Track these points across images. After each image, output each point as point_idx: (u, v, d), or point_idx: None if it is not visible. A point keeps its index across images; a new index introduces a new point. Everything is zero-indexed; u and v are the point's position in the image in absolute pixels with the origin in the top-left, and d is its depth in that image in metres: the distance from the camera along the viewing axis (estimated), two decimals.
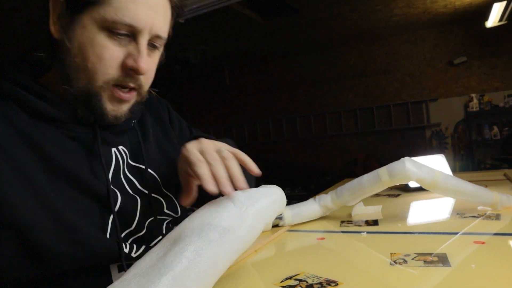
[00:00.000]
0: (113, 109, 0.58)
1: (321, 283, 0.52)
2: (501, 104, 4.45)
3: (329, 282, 0.52)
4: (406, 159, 0.80)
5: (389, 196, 1.23)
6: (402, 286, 0.50)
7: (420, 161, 0.81)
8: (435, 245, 0.65)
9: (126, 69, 0.56)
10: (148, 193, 0.67)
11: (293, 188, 4.85)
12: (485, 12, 3.76)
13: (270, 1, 3.54)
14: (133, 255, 0.60)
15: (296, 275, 0.56)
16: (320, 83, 5.55)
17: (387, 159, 1.03)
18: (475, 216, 0.82)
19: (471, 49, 4.58)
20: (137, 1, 0.53)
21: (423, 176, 0.79)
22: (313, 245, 0.78)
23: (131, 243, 0.61)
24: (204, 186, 0.53)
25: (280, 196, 0.68)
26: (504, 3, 3.34)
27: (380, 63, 5.14)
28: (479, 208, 0.88)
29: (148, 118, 0.75)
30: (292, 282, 0.53)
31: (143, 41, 0.56)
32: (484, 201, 0.85)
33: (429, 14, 4.23)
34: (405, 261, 0.58)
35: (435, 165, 0.83)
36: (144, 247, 0.62)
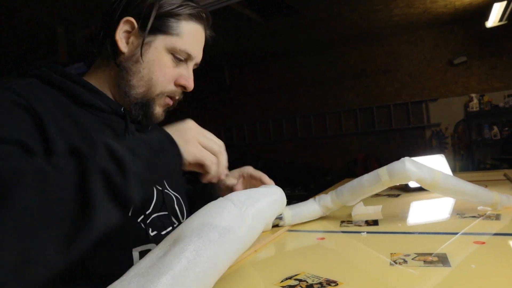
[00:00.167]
0: (158, 111, 0.74)
1: (321, 283, 0.52)
2: (501, 104, 4.45)
3: (329, 282, 0.52)
4: (406, 159, 0.80)
5: (389, 196, 1.23)
6: (402, 286, 0.50)
7: (420, 161, 0.81)
8: (435, 245, 0.65)
9: (177, 85, 0.74)
10: (161, 189, 0.76)
11: (293, 188, 4.85)
12: (485, 12, 3.76)
13: (270, 1, 3.54)
14: (150, 233, 0.68)
15: (296, 275, 0.56)
16: (320, 83, 5.55)
17: (387, 159, 1.03)
18: (475, 216, 0.82)
19: (471, 49, 4.59)
20: (196, 38, 0.74)
21: (423, 176, 0.79)
22: (313, 245, 0.78)
23: (147, 225, 0.69)
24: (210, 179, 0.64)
25: (280, 196, 0.68)
26: (504, 3, 3.34)
27: (380, 63, 5.14)
28: (479, 208, 0.88)
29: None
30: (292, 282, 0.53)
31: (191, 66, 0.75)
32: (484, 201, 0.85)
33: (429, 14, 4.23)
34: (405, 261, 0.58)
35: (435, 165, 0.83)
36: (156, 232, 0.70)
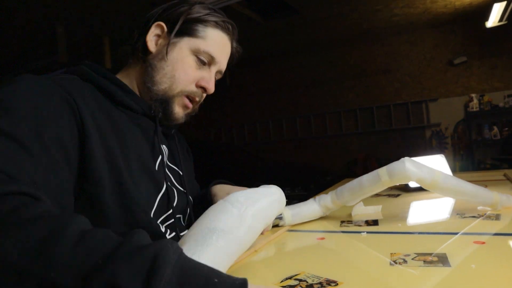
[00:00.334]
0: (178, 112, 0.76)
1: (321, 283, 0.52)
2: (501, 104, 4.45)
3: (329, 282, 0.52)
4: (406, 159, 0.80)
5: (389, 196, 1.23)
6: (402, 286, 0.50)
7: (420, 161, 0.81)
8: (435, 245, 0.65)
9: (198, 86, 0.76)
10: (185, 191, 0.80)
11: (293, 188, 4.85)
12: (485, 12, 3.76)
13: (270, 1, 3.54)
14: (167, 236, 0.70)
15: (296, 275, 0.56)
16: (320, 83, 5.55)
17: (387, 159, 1.03)
18: (475, 216, 0.82)
19: (471, 49, 4.58)
20: (220, 44, 0.77)
21: (423, 176, 0.79)
22: (313, 245, 0.78)
23: (165, 227, 0.72)
24: None
25: (280, 196, 0.68)
26: (504, 3, 3.34)
27: (380, 63, 5.14)
28: (479, 208, 0.88)
29: (177, 137, 0.90)
30: (292, 282, 0.53)
31: (214, 70, 0.78)
32: (484, 201, 0.85)
33: (429, 14, 4.23)
34: (405, 261, 0.58)
35: (435, 165, 0.83)
36: (174, 233, 0.72)
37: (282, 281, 0.54)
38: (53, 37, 3.74)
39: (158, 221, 0.70)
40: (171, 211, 0.73)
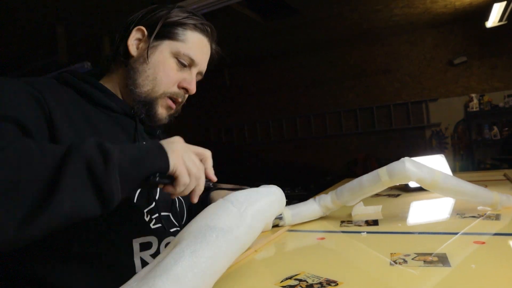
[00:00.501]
0: (161, 113, 0.78)
1: (321, 283, 0.52)
2: (501, 104, 4.45)
3: (329, 282, 0.52)
4: (406, 159, 0.80)
5: (389, 196, 1.23)
6: (402, 286, 0.50)
7: (420, 161, 0.81)
8: (435, 245, 0.65)
9: (180, 88, 0.78)
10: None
11: (293, 188, 4.85)
12: (485, 12, 3.76)
13: (270, 1, 3.54)
14: (152, 225, 0.71)
15: (296, 275, 0.56)
16: (320, 83, 5.55)
17: (387, 159, 1.03)
18: (475, 216, 0.82)
19: (471, 49, 4.58)
20: (200, 46, 0.79)
21: (423, 176, 0.79)
22: (313, 245, 0.78)
23: (150, 217, 0.72)
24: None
25: (280, 196, 0.68)
26: (504, 3, 3.34)
27: (380, 63, 5.14)
28: (479, 208, 0.88)
29: (160, 137, 0.91)
30: (292, 282, 0.53)
31: (195, 71, 0.80)
32: (484, 201, 0.85)
33: (429, 14, 4.23)
34: (405, 261, 0.58)
35: (435, 165, 0.83)
36: (160, 225, 0.72)
37: (282, 281, 0.54)
38: (53, 37, 3.74)
39: (145, 210, 0.71)
40: (153, 204, 0.73)
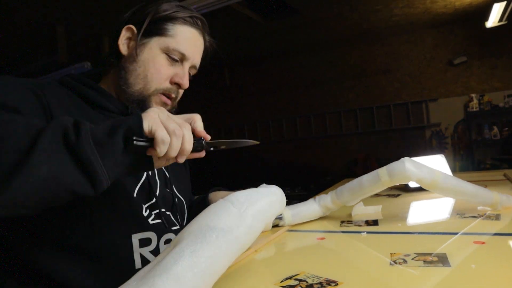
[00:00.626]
0: None
1: (321, 283, 0.52)
2: (501, 104, 4.45)
3: (329, 282, 0.52)
4: (406, 159, 0.80)
5: (389, 196, 1.23)
6: (402, 286, 0.50)
7: (420, 161, 0.81)
8: (435, 245, 0.65)
9: (173, 83, 0.77)
10: (170, 191, 0.80)
11: (293, 188, 4.85)
12: (485, 12, 3.76)
13: (270, 1, 3.54)
14: (151, 221, 0.71)
15: (296, 275, 0.56)
16: (320, 83, 5.55)
17: (387, 159, 1.03)
18: (475, 216, 0.82)
19: (471, 49, 4.58)
20: (190, 39, 0.77)
21: (423, 176, 0.79)
22: (313, 245, 0.78)
23: (151, 213, 0.72)
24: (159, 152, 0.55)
25: (280, 196, 0.68)
26: (504, 3, 3.34)
27: (380, 63, 5.14)
28: (479, 208, 0.88)
29: None
30: (292, 282, 0.53)
31: (187, 66, 0.78)
32: (484, 201, 0.85)
33: (429, 14, 4.23)
34: (405, 261, 0.58)
35: (435, 165, 0.83)
36: (159, 220, 0.73)
37: (282, 281, 0.54)
38: (53, 37, 3.74)
39: (145, 206, 0.71)
40: (154, 200, 0.74)
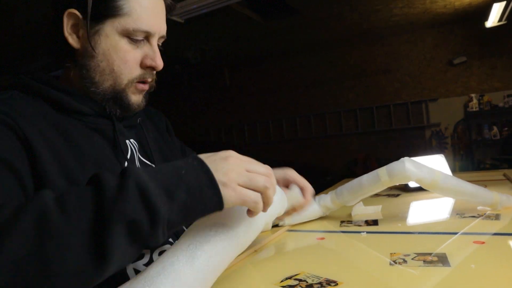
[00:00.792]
0: (135, 100, 0.68)
1: (321, 283, 0.52)
2: (500, 104, 4.45)
3: (329, 282, 0.52)
4: (406, 159, 0.80)
5: (389, 196, 1.23)
6: (402, 286, 0.50)
7: (420, 161, 0.81)
8: (434, 245, 0.65)
9: (145, 67, 0.66)
10: None
11: None
12: (485, 12, 3.76)
13: (270, 1, 3.54)
14: None
15: (296, 275, 0.56)
16: (320, 83, 5.55)
17: (387, 159, 1.03)
18: (474, 216, 0.82)
19: (471, 49, 4.59)
20: (150, 11, 0.64)
21: (422, 176, 0.79)
22: (313, 245, 0.78)
23: None
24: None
25: (281, 196, 0.68)
26: (504, 3, 3.34)
27: (380, 63, 5.14)
28: (479, 208, 0.88)
29: (147, 121, 0.83)
30: (292, 282, 0.53)
31: (155, 42, 0.66)
32: (484, 201, 0.85)
33: (429, 14, 4.23)
34: (405, 261, 0.58)
35: (435, 165, 0.83)
36: None
37: (282, 281, 0.54)
38: None
39: None
40: None
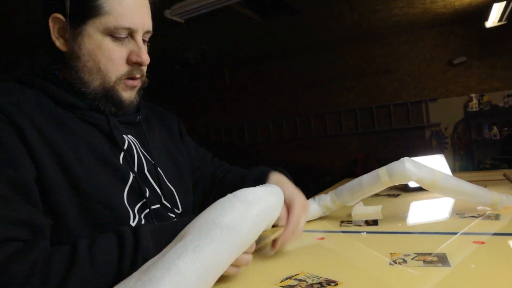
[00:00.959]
0: (127, 97, 0.70)
1: (321, 283, 0.52)
2: (500, 104, 4.45)
3: (329, 282, 0.52)
4: (406, 159, 0.80)
5: (389, 196, 1.23)
6: (402, 286, 0.50)
7: (420, 161, 0.81)
8: (434, 245, 0.65)
9: (131, 63, 0.67)
10: (154, 182, 0.75)
11: None
12: (485, 12, 3.76)
13: (270, 1, 3.54)
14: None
15: (296, 275, 0.56)
16: (320, 83, 5.55)
17: (387, 159, 1.03)
18: (474, 216, 0.82)
19: (471, 49, 4.59)
20: (131, 7, 0.65)
21: (422, 176, 0.79)
22: (313, 245, 0.78)
23: (143, 216, 0.68)
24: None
25: (281, 196, 0.68)
26: (504, 3, 3.34)
27: (380, 63, 5.14)
28: (478, 208, 0.88)
29: (154, 121, 0.84)
30: (292, 282, 0.53)
31: (139, 38, 0.67)
32: (484, 201, 0.85)
33: (429, 14, 4.23)
34: (405, 261, 0.58)
35: (435, 165, 0.83)
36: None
37: (282, 281, 0.54)
38: None
39: (135, 210, 0.68)
40: (144, 200, 0.69)
